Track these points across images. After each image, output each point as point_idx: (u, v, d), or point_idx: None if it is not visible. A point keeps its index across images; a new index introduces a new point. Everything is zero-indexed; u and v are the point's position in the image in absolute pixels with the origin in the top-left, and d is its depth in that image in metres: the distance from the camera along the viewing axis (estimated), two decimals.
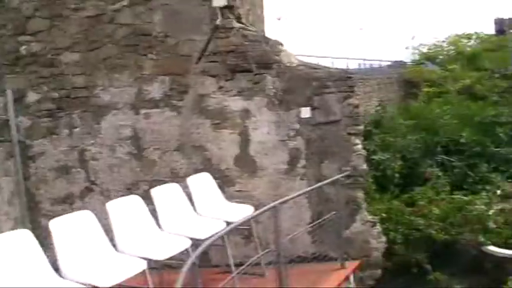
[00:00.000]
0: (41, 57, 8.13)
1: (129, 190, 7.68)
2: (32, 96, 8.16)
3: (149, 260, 5.38)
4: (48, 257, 4.99)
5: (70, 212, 6.09)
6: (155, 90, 7.76)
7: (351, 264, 7.33)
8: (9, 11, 8.27)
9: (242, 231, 7.31)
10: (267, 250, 6.73)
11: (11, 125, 7.99)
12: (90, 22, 7.95)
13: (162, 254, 5.55)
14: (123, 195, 6.74)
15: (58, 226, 5.25)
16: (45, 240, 5.09)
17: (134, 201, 6.21)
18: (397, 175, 13.06)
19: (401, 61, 32.76)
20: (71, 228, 5.38)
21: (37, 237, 5.02)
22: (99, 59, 7.92)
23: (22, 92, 8.16)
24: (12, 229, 6.81)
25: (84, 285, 4.79)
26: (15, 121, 8.04)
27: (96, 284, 4.81)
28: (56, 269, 5.04)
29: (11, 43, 8.23)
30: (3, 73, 8.23)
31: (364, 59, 30.45)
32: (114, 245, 5.64)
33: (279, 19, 26.41)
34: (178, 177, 7.44)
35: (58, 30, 8.08)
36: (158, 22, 7.75)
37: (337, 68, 11.90)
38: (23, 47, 8.18)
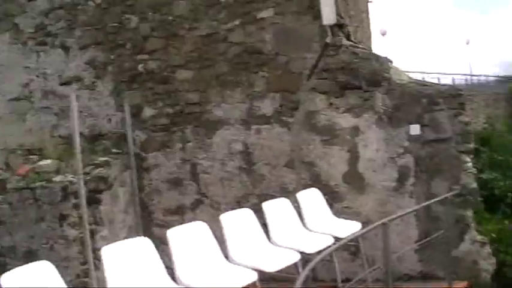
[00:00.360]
0: (157, 75, 8.50)
1: (238, 203, 7.86)
2: (148, 112, 8.54)
3: (259, 272, 5.52)
4: None
5: (181, 223, 6.36)
6: (266, 106, 7.91)
7: (459, 285, 7.18)
8: (128, 32, 8.72)
9: (349, 247, 7.33)
10: (375, 267, 6.73)
11: (128, 138, 8.38)
12: (203, 41, 8.24)
13: (272, 266, 5.65)
14: (232, 208, 6.93)
15: (175, 235, 5.50)
16: (157, 249, 5.33)
17: (246, 214, 6.38)
18: (510, 194, 12.60)
19: (509, 76, 31.72)
20: (187, 237, 5.62)
21: None
22: (212, 76, 8.18)
23: (139, 108, 8.55)
24: (127, 237, 7.17)
25: None
26: (132, 135, 8.44)
27: None
28: (171, 275, 5.30)
29: (130, 61, 8.66)
30: (122, 89, 8.66)
31: (471, 74, 29.76)
32: (226, 256, 5.82)
33: (384, 34, 26.26)
34: (287, 192, 7.55)
35: (173, 48, 8.42)
36: (269, 40, 7.92)
37: (446, 85, 11.73)
38: (140, 65, 8.60)
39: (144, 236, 5.77)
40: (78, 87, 8.92)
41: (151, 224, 8.44)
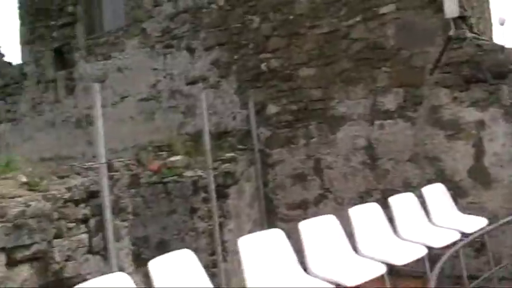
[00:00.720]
0: (280, 73, 8.71)
1: (362, 198, 7.91)
2: (271, 109, 8.77)
3: (387, 265, 5.58)
4: None
5: (305, 218, 6.51)
6: (389, 101, 7.88)
7: None
8: (250, 32, 9.00)
9: (473, 244, 7.19)
10: (502, 265, 6.61)
11: (252, 135, 8.64)
12: (325, 38, 8.35)
13: (400, 260, 5.68)
14: (355, 203, 6.99)
15: (306, 228, 5.68)
16: None
17: (373, 208, 6.46)
18: None
19: None
20: (317, 230, 5.77)
21: None
22: (334, 72, 8.26)
23: (263, 105, 8.80)
24: (251, 230, 7.39)
25: (329, 282, 5.11)
26: (256, 131, 8.68)
27: (341, 283, 5.12)
28: (303, 266, 5.48)
29: (253, 61, 8.93)
30: (246, 88, 8.94)
31: None
32: (354, 249, 5.93)
33: (502, 24, 25.21)
34: (411, 187, 7.49)
35: (295, 47, 8.59)
36: (391, 35, 7.89)
37: None
38: (263, 63, 8.84)
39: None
40: (204, 87, 9.29)
41: (275, 218, 8.64)
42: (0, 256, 4.72)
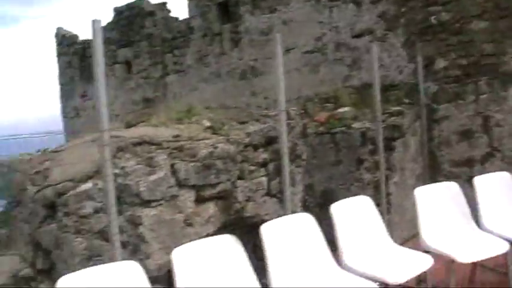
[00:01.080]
0: (450, 26, 8.50)
1: None
2: (440, 63, 8.61)
3: None
4: None
5: (469, 175, 6.51)
6: None
7: None
8: None
9: None
10: None
11: (419, 89, 8.57)
12: None
13: None
14: None
15: (481, 183, 5.69)
16: None
17: None
18: None
19: None
20: (491, 186, 5.77)
21: None
22: (509, 26, 7.95)
23: (431, 59, 8.65)
24: (414, 185, 7.40)
25: (504, 240, 5.13)
26: (423, 86, 8.59)
27: None
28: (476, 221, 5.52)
29: (422, 13, 8.78)
30: (414, 41, 8.86)
31: None
32: None
33: None
34: None
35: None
36: None
37: None
38: (433, 16, 8.67)
39: None
40: (370, 40, 9.29)
41: (439, 175, 8.56)
42: (190, 193, 5.11)
